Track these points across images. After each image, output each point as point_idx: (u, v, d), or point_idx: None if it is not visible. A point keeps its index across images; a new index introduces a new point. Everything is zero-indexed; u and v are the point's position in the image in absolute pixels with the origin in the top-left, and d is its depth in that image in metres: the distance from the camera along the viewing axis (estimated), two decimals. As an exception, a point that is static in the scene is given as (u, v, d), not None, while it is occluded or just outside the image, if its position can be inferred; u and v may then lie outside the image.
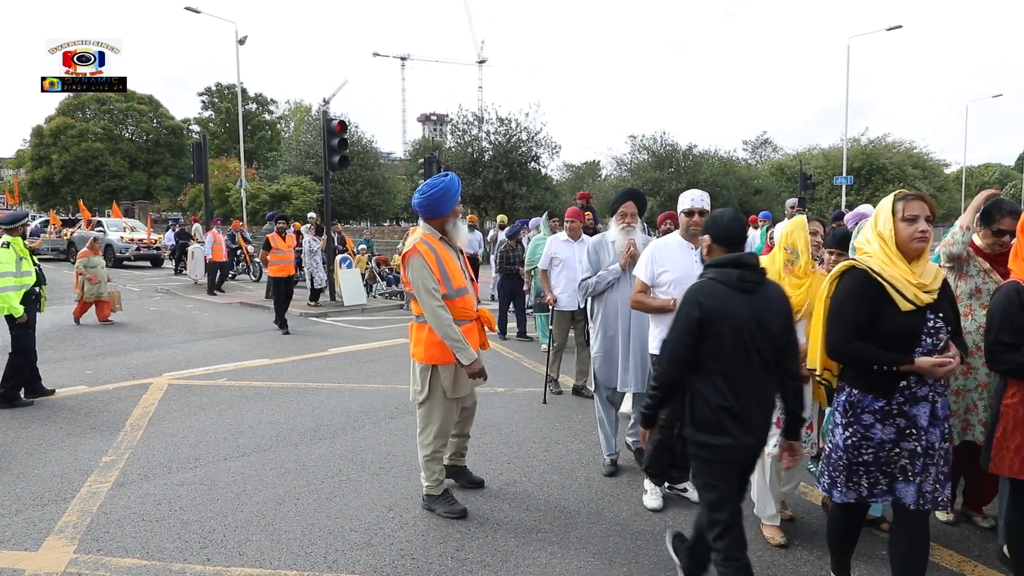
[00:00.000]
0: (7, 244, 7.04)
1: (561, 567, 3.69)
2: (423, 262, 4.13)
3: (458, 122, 36.70)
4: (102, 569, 3.69)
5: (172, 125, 55.46)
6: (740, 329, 2.80)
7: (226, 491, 4.75)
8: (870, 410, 2.90)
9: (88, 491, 4.76)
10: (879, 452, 2.91)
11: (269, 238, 11.92)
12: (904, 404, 2.86)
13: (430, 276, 4.11)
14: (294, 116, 64.63)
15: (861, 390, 2.92)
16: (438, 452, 4.38)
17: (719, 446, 2.84)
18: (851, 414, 2.95)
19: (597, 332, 4.97)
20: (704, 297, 2.86)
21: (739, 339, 2.80)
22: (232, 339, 11.01)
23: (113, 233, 25.70)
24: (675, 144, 40.12)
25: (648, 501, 4.46)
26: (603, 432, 5.13)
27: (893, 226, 2.88)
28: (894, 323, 2.82)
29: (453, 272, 4.23)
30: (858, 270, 2.92)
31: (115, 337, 11.09)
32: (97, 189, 49.04)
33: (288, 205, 32.75)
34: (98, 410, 6.79)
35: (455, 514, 4.29)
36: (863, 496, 2.99)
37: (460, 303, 4.24)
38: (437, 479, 4.40)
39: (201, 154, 17.83)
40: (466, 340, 4.15)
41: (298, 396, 7.30)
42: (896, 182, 41.65)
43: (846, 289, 2.95)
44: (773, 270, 3.80)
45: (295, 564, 3.74)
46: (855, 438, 2.93)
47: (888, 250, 2.88)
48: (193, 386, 7.79)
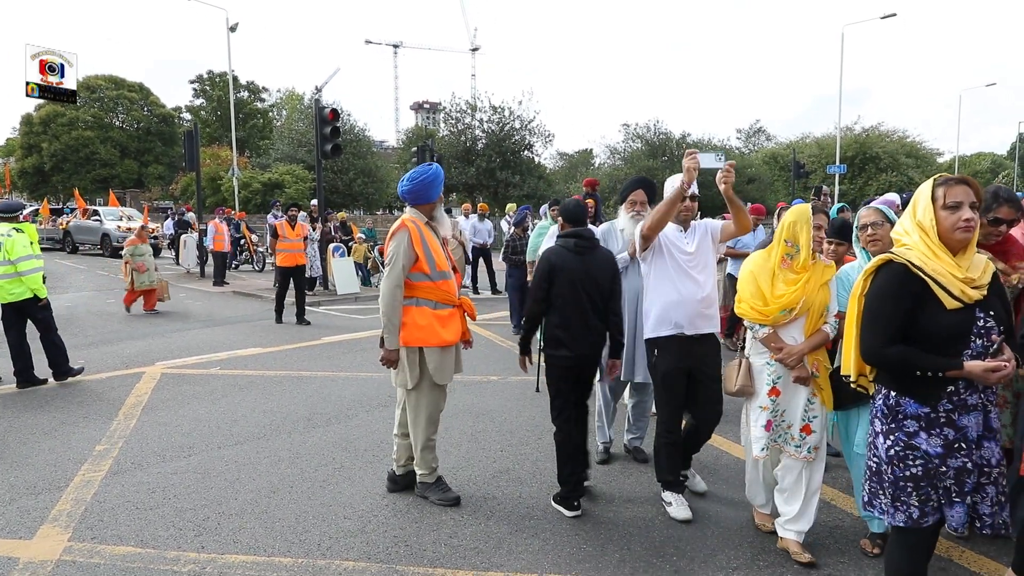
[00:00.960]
0: (19, 231, 7.27)
1: (554, 553, 3.72)
2: (407, 238, 4.14)
3: (451, 110, 36.63)
4: (96, 557, 3.71)
5: (163, 113, 55.16)
6: (574, 279, 4.09)
7: (220, 479, 4.76)
8: (913, 415, 2.55)
9: (82, 479, 4.76)
10: (928, 464, 2.52)
11: (277, 226, 11.55)
12: (952, 412, 2.50)
13: (407, 252, 4.12)
14: (286, 104, 64.29)
15: (900, 392, 2.58)
16: (431, 439, 4.37)
17: (559, 356, 4.15)
18: (891, 420, 2.60)
19: None
20: (553, 257, 4.18)
21: (573, 286, 4.09)
22: (225, 328, 10.99)
23: (110, 222, 25.39)
24: (669, 132, 40.16)
25: (676, 512, 4.11)
26: (601, 419, 5.12)
27: (934, 215, 2.54)
28: (939, 323, 2.49)
29: (437, 255, 4.24)
30: (896, 264, 2.57)
31: (108, 326, 11.06)
32: (88, 178, 48.79)
33: (280, 194, 32.62)
34: (91, 399, 6.79)
35: (448, 501, 4.30)
36: (914, 518, 2.56)
37: (443, 286, 4.25)
38: (432, 467, 4.40)
39: (192, 142, 17.71)
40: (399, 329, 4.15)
41: (292, 384, 7.31)
42: (889, 171, 41.79)
43: (883, 286, 2.60)
44: (767, 266, 3.66)
45: (289, 551, 3.76)
46: (898, 447, 2.56)
47: (929, 241, 2.54)
48: (186, 375, 7.79)
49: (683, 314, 4.04)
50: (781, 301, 3.56)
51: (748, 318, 3.69)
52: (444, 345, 4.24)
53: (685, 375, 4.10)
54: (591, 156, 52.21)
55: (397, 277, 4.12)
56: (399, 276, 4.12)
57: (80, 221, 26.72)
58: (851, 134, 42.95)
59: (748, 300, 3.68)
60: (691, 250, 4.12)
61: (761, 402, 3.70)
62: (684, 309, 4.04)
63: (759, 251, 3.81)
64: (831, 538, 3.86)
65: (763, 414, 3.68)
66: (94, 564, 3.63)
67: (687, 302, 4.04)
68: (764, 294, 3.62)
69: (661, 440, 4.15)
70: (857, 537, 3.83)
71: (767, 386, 3.67)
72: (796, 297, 3.54)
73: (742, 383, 3.74)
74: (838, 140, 36.43)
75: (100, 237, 25.27)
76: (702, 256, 4.13)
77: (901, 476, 2.56)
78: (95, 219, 26.07)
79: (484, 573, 3.53)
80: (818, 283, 3.60)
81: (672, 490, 4.19)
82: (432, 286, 4.20)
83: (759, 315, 3.62)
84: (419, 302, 4.19)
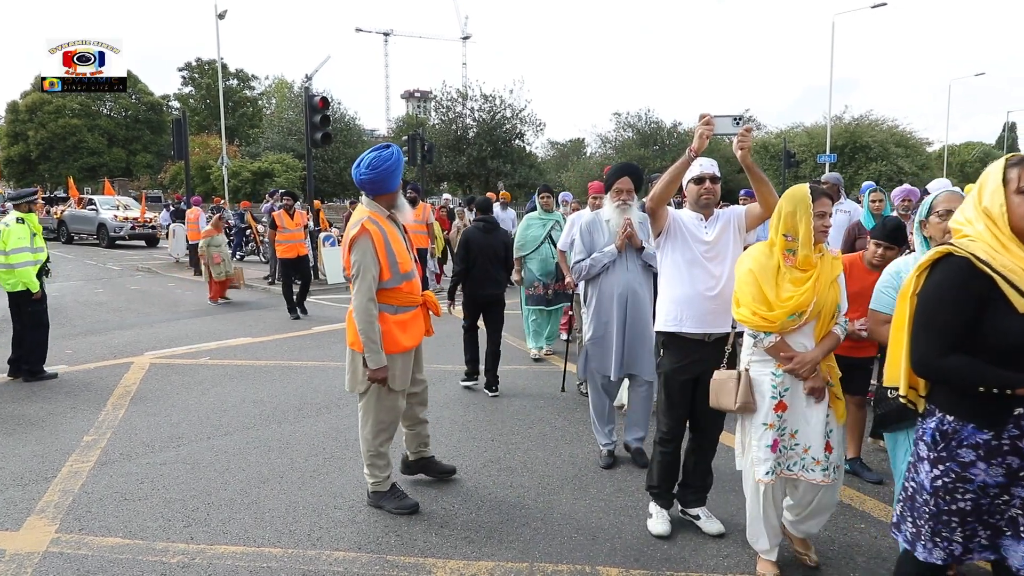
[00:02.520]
0: (21, 220, 7.11)
1: (544, 543, 3.72)
2: (370, 247, 3.84)
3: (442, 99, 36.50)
4: (84, 548, 3.68)
5: (151, 101, 54.61)
6: (483, 249, 6.43)
7: (209, 470, 4.73)
8: (970, 443, 2.16)
9: (69, 471, 4.72)
10: (980, 498, 2.17)
11: (275, 216, 11.09)
12: (1020, 439, 2.12)
13: (373, 263, 3.84)
14: (276, 92, 63.70)
15: (959, 417, 2.20)
16: (382, 448, 4.08)
17: (477, 294, 6.55)
18: (943, 448, 2.22)
19: (591, 318, 4.71)
20: (471, 234, 6.52)
21: (481, 253, 6.43)
22: (214, 318, 10.93)
23: (106, 212, 24.62)
24: (660, 122, 40.14)
25: (653, 526, 3.82)
26: (598, 422, 4.86)
27: (1005, 200, 2.14)
28: (1009, 329, 2.08)
29: (401, 255, 3.97)
30: (958, 258, 2.15)
31: (96, 316, 10.98)
32: (75, 166, 48.29)
33: (270, 183, 32.44)
34: (79, 389, 6.74)
35: (405, 509, 4.03)
36: (955, 554, 2.25)
37: (406, 288, 4.01)
38: (384, 474, 4.12)
39: (181, 131, 17.58)
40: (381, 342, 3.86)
41: (282, 374, 7.27)
42: (879, 160, 41.89)
43: (942, 284, 2.19)
44: (769, 264, 3.17)
45: (279, 542, 3.74)
46: (947, 479, 2.20)
47: (998, 232, 2.14)
48: (175, 365, 7.74)
49: (693, 311, 3.60)
50: (789, 305, 3.08)
51: (750, 325, 3.21)
52: (402, 352, 3.99)
53: (691, 382, 3.68)
54: (582, 145, 52.11)
55: (368, 290, 3.83)
56: (370, 289, 3.83)
57: (76, 210, 26.00)
58: (841, 123, 43.01)
59: (749, 305, 3.19)
60: (709, 239, 3.63)
61: (765, 418, 3.22)
62: (694, 306, 3.59)
63: (757, 246, 3.31)
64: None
65: (768, 432, 3.20)
66: (82, 555, 3.60)
67: (698, 298, 3.59)
68: (768, 297, 3.14)
69: (656, 448, 3.86)
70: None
71: (772, 400, 3.21)
72: (807, 299, 3.09)
73: (744, 399, 3.26)
74: (828, 129, 36.49)
75: (96, 227, 24.69)
76: (722, 247, 3.64)
77: (946, 509, 2.21)
78: (91, 208, 25.41)
79: (475, 563, 3.52)
80: (828, 280, 3.17)
81: (658, 502, 3.89)
82: (393, 292, 3.95)
83: (764, 322, 3.14)
84: (379, 307, 3.93)
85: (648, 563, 3.51)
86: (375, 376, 3.87)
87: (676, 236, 3.67)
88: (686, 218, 3.70)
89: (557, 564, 3.51)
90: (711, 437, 3.83)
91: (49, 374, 7.18)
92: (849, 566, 3.48)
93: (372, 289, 3.84)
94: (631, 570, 3.45)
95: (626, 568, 3.47)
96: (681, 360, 3.67)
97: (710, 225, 3.68)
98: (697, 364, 3.64)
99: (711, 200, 3.67)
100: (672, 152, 37.19)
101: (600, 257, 4.61)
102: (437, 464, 4.56)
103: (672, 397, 3.73)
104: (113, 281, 15.15)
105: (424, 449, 4.51)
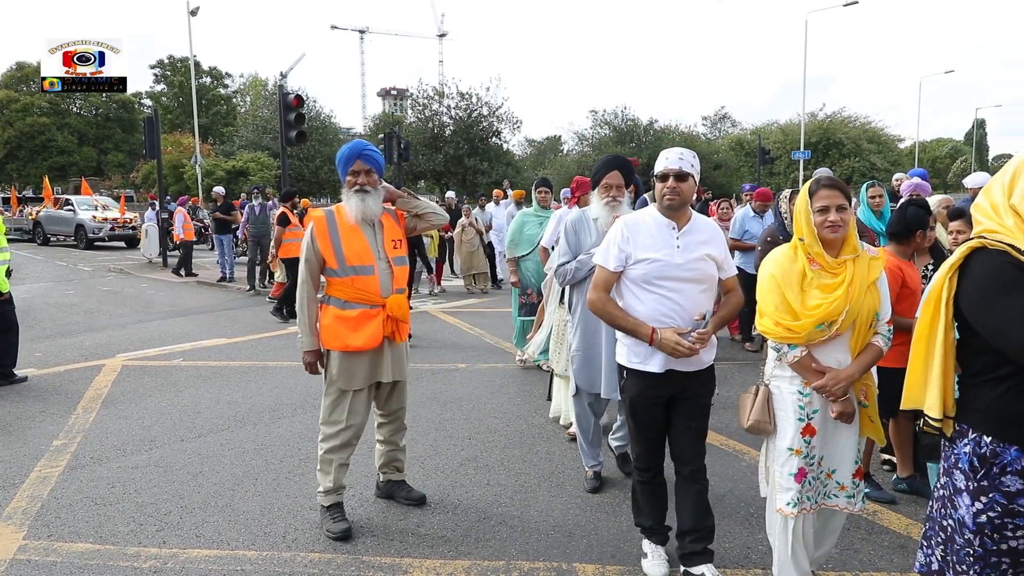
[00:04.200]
0: None
1: (521, 540, 3.72)
2: (310, 232, 3.79)
3: (419, 97, 36.35)
4: (53, 555, 3.61)
5: (122, 99, 53.83)
6: None
7: (182, 472, 4.67)
8: (1015, 470, 1.85)
9: (38, 476, 4.64)
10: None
11: (286, 210, 10.23)
12: None
13: (310, 248, 3.75)
14: (250, 90, 63.10)
15: (998, 437, 1.88)
16: (329, 455, 3.81)
17: None
18: (983, 475, 1.90)
19: (576, 328, 4.22)
20: None
21: None
22: (188, 319, 10.80)
23: (84, 212, 23.72)
24: (636, 119, 40.29)
25: (649, 568, 3.34)
26: (583, 442, 4.41)
27: None
28: None
29: (352, 247, 3.71)
30: (992, 251, 1.87)
31: (66, 318, 10.79)
32: (44, 166, 47.55)
33: (245, 182, 32.13)
34: (48, 393, 6.62)
35: (334, 534, 3.73)
36: None
37: (356, 283, 3.70)
38: (327, 486, 3.84)
39: (153, 129, 17.29)
40: (314, 329, 3.79)
41: (256, 375, 7.20)
42: (852, 156, 42.48)
43: (990, 274, 1.86)
44: (793, 269, 2.81)
45: (254, 544, 3.70)
46: (993, 513, 1.88)
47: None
48: (148, 367, 7.63)
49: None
50: (817, 314, 2.73)
51: (774, 337, 2.85)
52: (346, 351, 3.73)
53: (662, 404, 3.17)
54: (559, 143, 52.23)
55: (303, 272, 3.78)
56: (304, 271, 3.77)
57: (52, 211, 25.07)
58: (815, 120, 43.54)
59: (772, 314, 2.84)
60: (679, 260, 3.00)
61: (790, 443, 2.86)
62: None
63: (780, 249, 2.96)
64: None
65: (793, 459, 2.85)
66: (50, 563, 3.54)
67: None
68: (792, 306, 2.78)
69: (634, 479, 3.41)
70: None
71: (798, 422, 2.84)
72: (838, 307, 2.72)
73: (756, 417, 2.90)
74: (802, 126, 36.88)
75: (74, 228, 23.80)
76: (694, 269, 3.03)
77: (994, 550, 1.90)
78: (68, 209, 24.44)
79: (451, 562, 3.51)
80: (864, 283, 2.76)
81: (651, 539, 3.40)
82: (340, 283, 3.72)
83: (788, 333, 2.78)
84: (329, 300, 3.79)
85: (625, 559, 3.52)
86: (304, 359, 3.83)
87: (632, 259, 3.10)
88: (650, 224, 3.11)
89: (534, 562, 3.50)
90: (696, 468, 3.20)
91: (20, 377, 7.04)
92: None
93: (306, 273, 3.77)
94: (607, 566, 3.46)
95: (602, 564, 3.48)
96: (646, 387, 3.14)
97: (683, 236, 3.06)
98: (665, 387, 3.12)
99: (676, 202, 3.03)
100: (648, 149, 37.33)
101: (587, 260, 4.01)
102: (406, 489, 4.22)
103: (638, 418, 3.21)
104: (84, 282, 14.90)
105: (394, 472, 4.24)
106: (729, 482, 4.40)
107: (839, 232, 2.76)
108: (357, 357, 3.77)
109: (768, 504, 3.06)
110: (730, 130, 56.59)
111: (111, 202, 27.05)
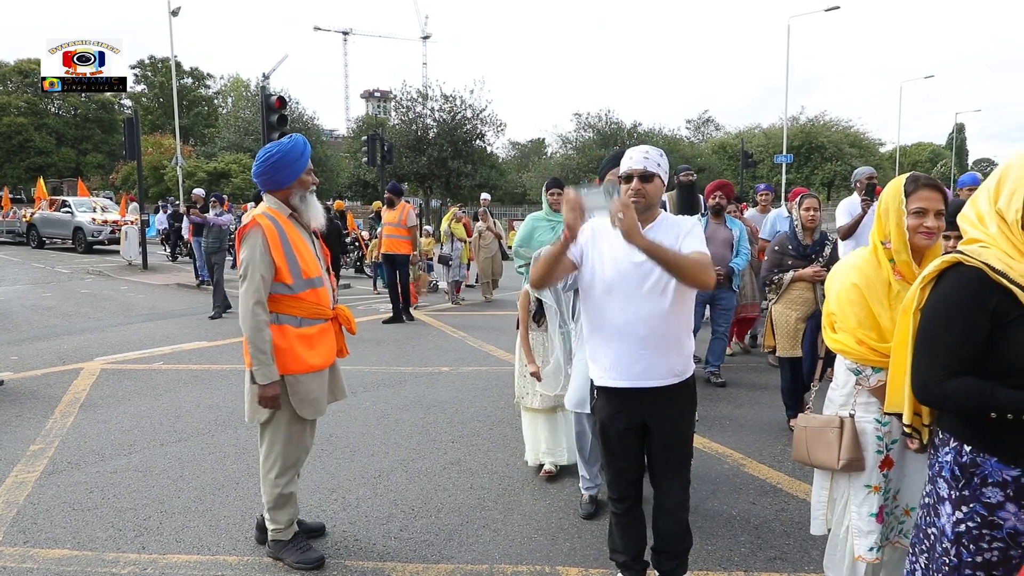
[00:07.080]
0: None
1: (505, 544, 3.71)
2: (261, 242, 3.27)
3: (402, 99, 36.19)
4: (29, 561, 3.56)
5: (102, 99, 53.31)
6: None
7: (162, 477, 4.62)
8: (996, 481, 1.85)
9: (14, 481, 4.57)
10: (1009, 548, 1.85)
11: None
12: None
13: (263, 261, 3.25)
14: (232, 91, 62.63)
15: (977, 447, 1.89)
16: (287, 489, 3.48)
17: None
18: (964, 484, 1.90)
19: (576, 339, 4.07)
20: None
21: None
22: (168, 321, 10.69)
23: (82, 214, 22.90)
24: (620, 122, 40.44)
25: None
26: (580, 462, 4.19)
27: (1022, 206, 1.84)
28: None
29: (304, 258, 3.39)
30: (967, 268, 1.88)
31: (44, 321, 10.65)
32: (21, 167, 46.95)
33: (227, 183, 31.91)
34: (25, 397, 6.52)
35: (310, 564, 3.45)
36: None
37: (310, 297, 3.41)
38: (286, 519, 3.52)
39: (133, 130, 17.11)
40: (273, 356, 3.26)
41: (238, 379, 7.13)
42: (833, 160, 42.94)
43: (949, 298, 1.91)
44: (880, 277, 2.53)
45: (235, 549, 3.67)
46: (972, 523, 1.88)
47: (1014, 236, 1.86)
48: (127, 370, 7.55)
49: (616, 356, 2.74)
50: None
51: (854, 357, 2.55)
52: (309, 371, 3.41)
53: (636, 431, 2.84)
54: (543, 146, 52.34)
55: (256, 292, 3.24)
56: (258, 291, 3.25)
57: (48, 213, 24.14)
58: (797, 124, 43.96)
59: (854, 330, 2.54)
60: (639, 257, 2.57)
61: (868, 479, 2.57)
62: (619, 348, 2.73)
63: (860, 252, 2.65)
64: (777, 521, 3.93)
65: (872, 497, 2.56)
66: (26, 569, 3.48)
67: (624, 338, 2.71)
68: (880, 322, 2.48)
69: (609, 510, 3.11)
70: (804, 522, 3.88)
71: (877, 455, 2.57)
72: None
73: (849, 455, 2.55)
74: (785, 130, 37.19)
75: (72, 231, 22.98)
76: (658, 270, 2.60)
77: (969, 562, 1.88)
78: (65, 210, 23.59)
79: (434, 566, 3.50)
80: None
81: (625, 574, 3.11)
82: (294, 299, 3.36)
83: (873, 354, 2.49)
84: (279, 319, 3.34)
85: (608, 563, 3.51)
86: (264, 394, 3.26)
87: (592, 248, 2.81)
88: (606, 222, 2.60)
89: (517, 565, 3.50)
90: (675, 496, 2.93)
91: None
92: None
93: (261, 291, 3.26)
94: (591, 569, 3.47)
95: (585, 568, 3.48)
96: (616, 409, 2.83)
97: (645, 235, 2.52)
98: (636, 412, 2.81)
99: (640, 204, 2.73)
100: (632, 153, 37.51)
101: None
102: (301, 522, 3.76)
103: (610, 446, 2.90)
104: (62, 284, 14.71)
105: None
106: (712, 484, 4.42)
107: (933, 240, 2.49)
108: (318, 378, 3.47)
109: (833, 544, 2.77)
110: (714, 134, 56.98)
111: (110, 203, 26.35)
